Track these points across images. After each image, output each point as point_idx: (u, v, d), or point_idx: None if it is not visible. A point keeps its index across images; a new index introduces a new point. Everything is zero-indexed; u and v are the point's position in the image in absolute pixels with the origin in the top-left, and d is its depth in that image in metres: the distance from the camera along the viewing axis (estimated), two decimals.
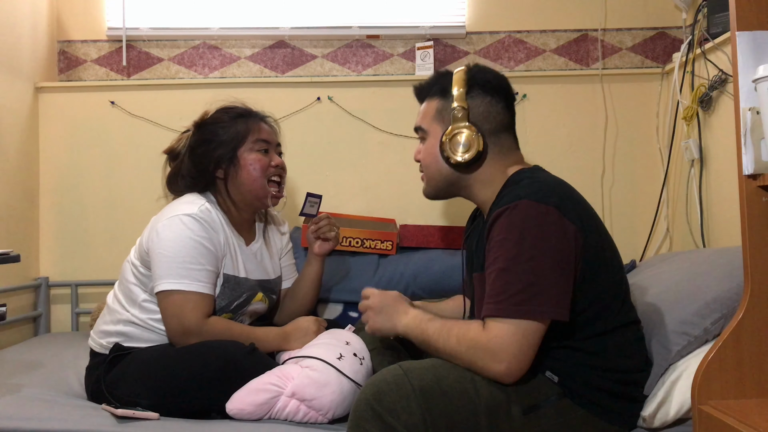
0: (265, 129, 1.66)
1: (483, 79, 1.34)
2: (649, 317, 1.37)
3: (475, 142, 1.29)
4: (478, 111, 1.32)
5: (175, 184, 1.65)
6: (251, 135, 1.62)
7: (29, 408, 1.40)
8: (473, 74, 1.34)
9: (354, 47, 2.40)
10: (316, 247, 1.75)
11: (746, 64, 1.13)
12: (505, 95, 1.36)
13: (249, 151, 1.61)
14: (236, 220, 1.64)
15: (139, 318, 1.55)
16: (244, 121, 1.63)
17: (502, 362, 1.12)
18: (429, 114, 1.38)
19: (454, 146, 1.30)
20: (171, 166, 1.70)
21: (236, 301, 1.59)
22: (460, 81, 1.32)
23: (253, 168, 1.60)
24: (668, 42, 2.36)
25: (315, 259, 1.76)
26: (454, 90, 1.31)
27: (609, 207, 2.32)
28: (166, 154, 1.71)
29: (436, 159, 1.35)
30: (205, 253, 1.50)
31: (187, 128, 1.71)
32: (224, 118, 1.64)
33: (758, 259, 1.13)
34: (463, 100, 1.31)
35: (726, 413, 1.08)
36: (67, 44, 2.40)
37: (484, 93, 1.33)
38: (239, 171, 1.60)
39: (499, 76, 1.37)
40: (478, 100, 1.32)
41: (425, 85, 1.41)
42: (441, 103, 1.36)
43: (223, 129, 1.62)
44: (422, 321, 1.26)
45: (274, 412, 1.36)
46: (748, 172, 1.13)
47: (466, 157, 1.30)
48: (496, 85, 1.35)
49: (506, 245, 1.16)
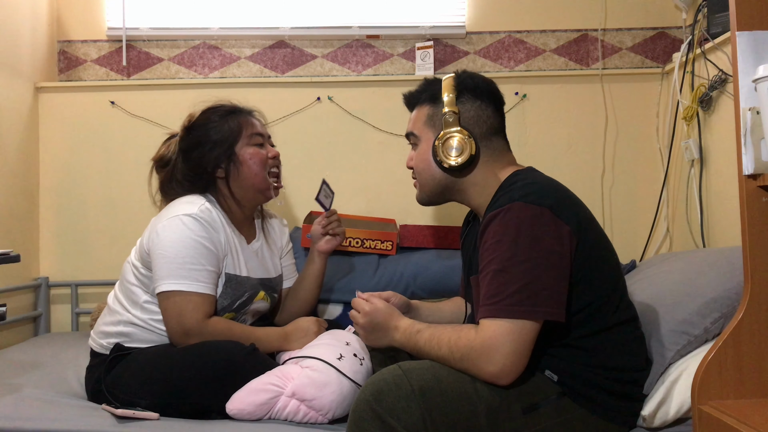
0: (257, 123, 1.67)
1: (472, 84, 1.36)
2: (649, 317, 1.38)
3: (467, 145, 1.31)
4: (468, 115, 1.33)
5: (170, 190, 1.64)
6: (245, 130, 1.62)
7: (29, 408, 1.40)
8: (462, 80, 1.36)
9: (354, 47, 2.40)
10: (322, 243, 1.75)
11: (746, 64, 1.13)
12: (494, 99, 1.37)
13: (246, 146, 1.61)
14: (237, 219, 1.65)
15: (140, 319, 1.55)
16: (235, 118, 1.63)
17: (496, 363, 1.12)
18: (420, 120, 1.39)
19: (446, 150, 1.31)
20: (160, 173, 1.68)
21: (239, 300, 1.59)
22: (450, 87, 1.34)
23: (253, 162, 1.61)
24: (668, 42, 2.36)
25: (318, 257, 1.76)
26: (445, 96, 1.33)
27: (609, 207, 2.32)
28: (154, 162, 1.69)
29: (429, 164, 1.36)
30: (206, 253, 1.50)
31: (173, 134, 1.71)
32: (213, 118, 1.63)
33: (758, 259, 1.13)
34: (453, 105, 1.32)
35: (726, 413, 1.08)
36: (67, 44, 2.40)
37: (473, 98, 1.35)
38: (240, 167, 1.60)
39: (488, 81, 1.39)
40: (468, 104, 1.34)
41: (415, 93, 1.43)
42: (432, 109, 1.37)
43: (215, 129, 1.61)
44: (412, 334, 1.26)
45: (274, 412, 1.36)
46: (748, 172, 1.13)
47: (459, 161, 1.31)
48: (485, 90, 1.36)
49: (501, 247, 1.17)
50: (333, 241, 1.74)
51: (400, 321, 1.31)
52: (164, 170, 1.67)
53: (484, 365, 1.13)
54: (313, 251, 1.77)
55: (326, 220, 1.74)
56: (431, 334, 1.22)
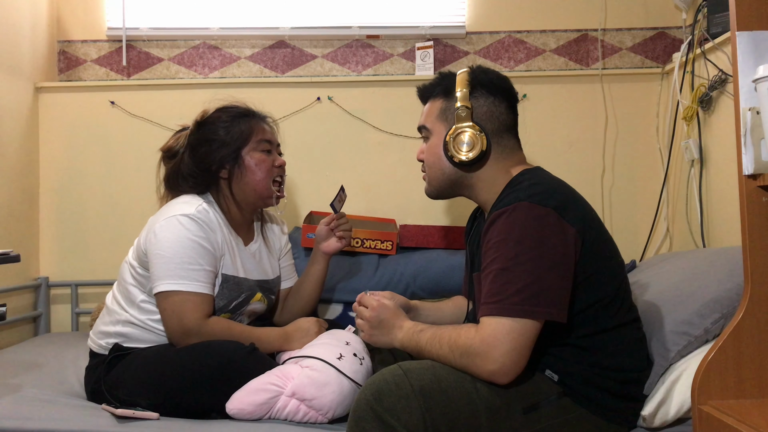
0: (267, 129, 1.67)
1: (486, 80, 1.35)
2: (649, 317, 1.38)
3: (478, 141, 1.30)
4: (481, 111, 1.33)
5: (175, 183, 1.64)
6: (254, 135, 1.62)
7: (29, 408, 1.40)
8: (476, 75, 1.35)
9: (354, 47, 2.40)
10: (329, 243, 1.74)
11: (746, 64, 1.13)
12: (508, 96, 1.37)
13: (253, 151, 1.61)
14: (235, 220, 1.64)
15: (137, 318, 1.55)
16: (246, 121, 1.63)
17: (495, 361, 1.12)
18: (433, 113, 1.38)
19: (457, 145, 1.31)
20: (167, 164, 1.68)
21: (235, 300, 1.59)
22: (464, 81, 1.33)
23: (258, 168, 1.61)
24: (668, 42, 2.36)
25: (322, 258, 1.76)
26: (458, 90, 1.32)
27: (609, 207, 2.32)
28: (162, 152, 1.70)
29: (439, 158, 1.36)
30: (204, 253, 1.50)
31: (184, 126, 1.70)
32: (225, 117, 1.63)
33: (758, 259, 1.13)
34: (466, 100, 1.31)
35: (726, 413, 1.08)
36: (67, 44, 2.40)
37: (487, 93, 1.34)
38: (244, 171, 1.60)
39: (502, 77, 1.38)
40: (481, 100, 1.33)
41: (429, 86, 1.42)
42: (445, 103, 1.37)
43: (225, 129, 1.61)
44: (414, 333, 1.26)
45: (274, 411, 1.36)
46: (748, 172, 1.13)
47: (470, 156, 1.30)
48: (499, 86, 1.36)
49: (505, 246, 1.17)
50: (339, 243, 1.74)
51: (405, 321, 1.32)
52: (171, 162, 1.67)
53: (482, 363, 1.13)
54: (317, 252, 1.77)
55: (336, 222, 1.74)
56: (433, 333, 1.22)
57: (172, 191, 1.65)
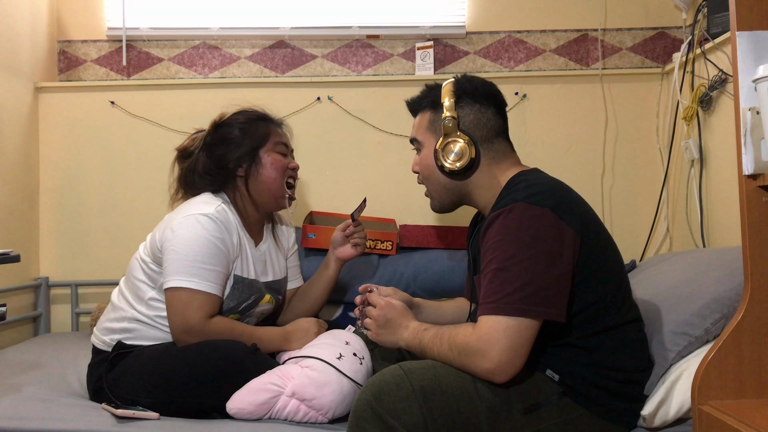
0: (284, 134, 1.71)
1: (471, 88, 1.36)
2: (649, 317, 1.38)
3: (467, 150, 1.32)
4: (468, 119, 1.35)
5: (191, 181, 1.66)
6: (272, 137, 1.66)
7: (29, 408, 1.40)
8: (461, 84, 1.37)
9: (354, 47, 2.40)
10: (343, 249, 1.76)
11: (746, 64, 1.13)
12: (494, 101, 1.38)
13: (270, 152, 1.65)
14: (250, 221, 1.66)
15: (145, 315, 1.55)
16: (264, 125, 1.67)
17: (491, 360, 1.12)
18: (422, 126, 1.41)
19: (447, 155, 1.33)
20: (182, 164, 1.70)
21: (245, 302, 1.60)
22: (449, 92, 1.35)
23: (273, 168, 1.63)
24: (668, 42, 2.36)
25: (335, 263, 1.77)
26: (444, 101, 1.34)
27: (609, 207, 2.32)
28: (177, 152, 1.72)
29: (432, 169, 1.38)
30: (218, 253, 1.51)
31: (200, 129, 1.73)
32: (243, 119, 1.67)
33: (758, 259, 1.13)
34: (452, 110, 1.33)
35: (726, 413, 1.08)
36: (67, 44, 2.40)
37: (473, 101, 1.35)
38: (260, 170, 1.63)
39: (487, 83, 1.40)
40: (467, 108, 1.35)
41: (417, 99, 1.45)
42: (433, 115, 1.39)
43: (243, 130, 1.65)
44: (418, 332, 1.27)
45: (274, 411, 1.36)
46: (748, 172, 1.13)
47: (459, 165, 1.33)
48: (484, 93, 1.37)
49: (502, 247, 1.17)
50: (354, 250, 1.75)
51: (411, 321, 1.32)
52: (186, 162, 1.69)
53: (479, 361, 1.13)
54: (330, 257, 1.78)
55: (352, 229, 1.75)
56: (435, 332, 1.23)
57: (188, 189, 1.67)
